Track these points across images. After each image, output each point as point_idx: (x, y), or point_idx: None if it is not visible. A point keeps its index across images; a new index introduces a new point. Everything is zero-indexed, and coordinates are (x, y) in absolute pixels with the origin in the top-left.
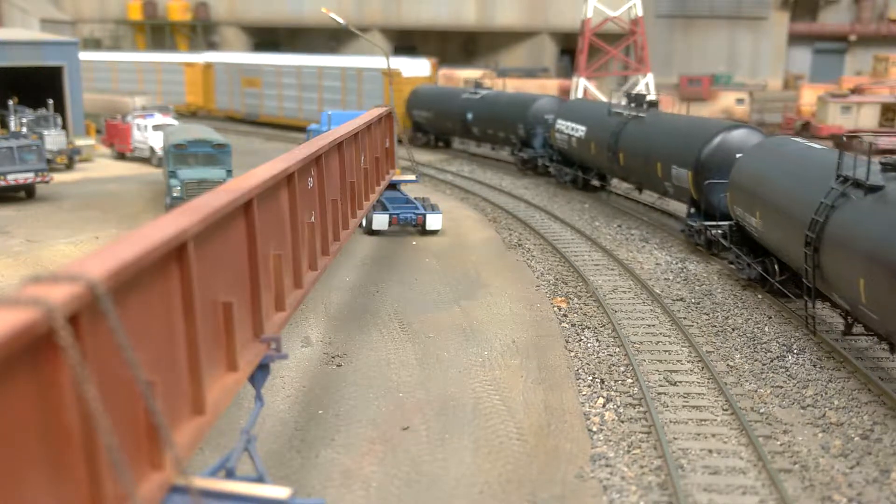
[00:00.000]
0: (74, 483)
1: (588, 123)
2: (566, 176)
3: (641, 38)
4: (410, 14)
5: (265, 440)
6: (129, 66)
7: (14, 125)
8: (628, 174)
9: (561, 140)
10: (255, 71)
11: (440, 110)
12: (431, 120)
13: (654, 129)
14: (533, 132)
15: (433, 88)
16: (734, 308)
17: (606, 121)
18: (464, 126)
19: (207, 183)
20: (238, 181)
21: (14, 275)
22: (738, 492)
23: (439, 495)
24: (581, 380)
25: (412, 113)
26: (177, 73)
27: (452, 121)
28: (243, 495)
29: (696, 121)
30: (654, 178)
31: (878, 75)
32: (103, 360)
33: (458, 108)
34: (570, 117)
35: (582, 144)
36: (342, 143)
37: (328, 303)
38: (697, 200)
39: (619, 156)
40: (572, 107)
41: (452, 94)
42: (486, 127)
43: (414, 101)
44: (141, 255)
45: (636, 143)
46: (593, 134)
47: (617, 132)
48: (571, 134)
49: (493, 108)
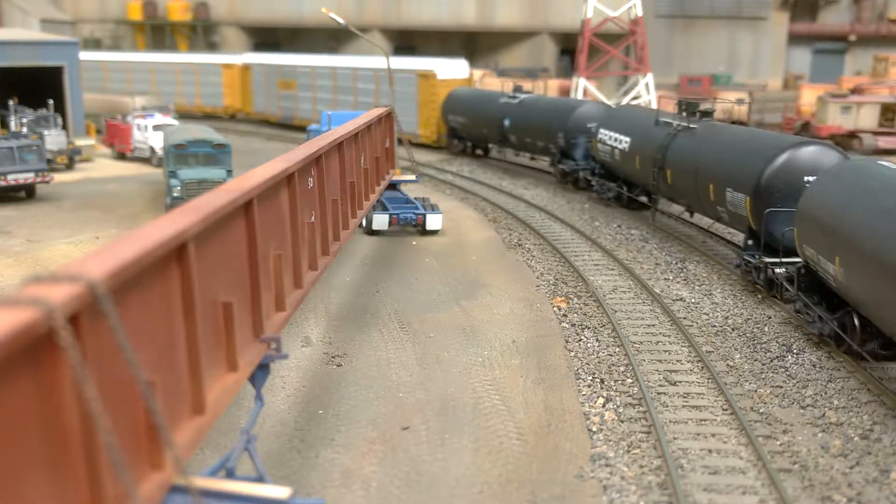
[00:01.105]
0: (74, 483)
1: (633, 134)
2: (608, 192)
3: (641, 38)
4: (410, 14)
5: (265, 440)
6: (169, 68)
7: (14, 125)
8: (677, 194)
9: (603, 151)
10: (290, 72)
11: (476, 115)
12: (467, 126)
13: (706, 143)
14: (574, 142)
15: (470, 92)
16: (734, 308)
17: (653, 132)
18: (501, 133)
19: (207, 183)
20: (238, 181)
21: (14, 275)
22: (737, 492)
23: (439, 495)
24: (581, 380)
25: (447, 118)
26: (215, 75)
27: (489, 127)
28: (243, 495)
29: (756, 135)
30: (706, 201)
31: (878, 75)
32: (103, 360)
33: (495, 113)
34: (613, 126)
35: (626, 158)
36: (342, 143)
37: (328, 303)
38: (756, 231)
39: (666, 173)
40: (617, 115)
41: (489, 98)
42: (523, 135)
43: (449, 104)
44: (141, 255)
45: (685, 159)
46: (638, 146)
47: (664, 145)
48: (615, 145)
49: (531, 115)
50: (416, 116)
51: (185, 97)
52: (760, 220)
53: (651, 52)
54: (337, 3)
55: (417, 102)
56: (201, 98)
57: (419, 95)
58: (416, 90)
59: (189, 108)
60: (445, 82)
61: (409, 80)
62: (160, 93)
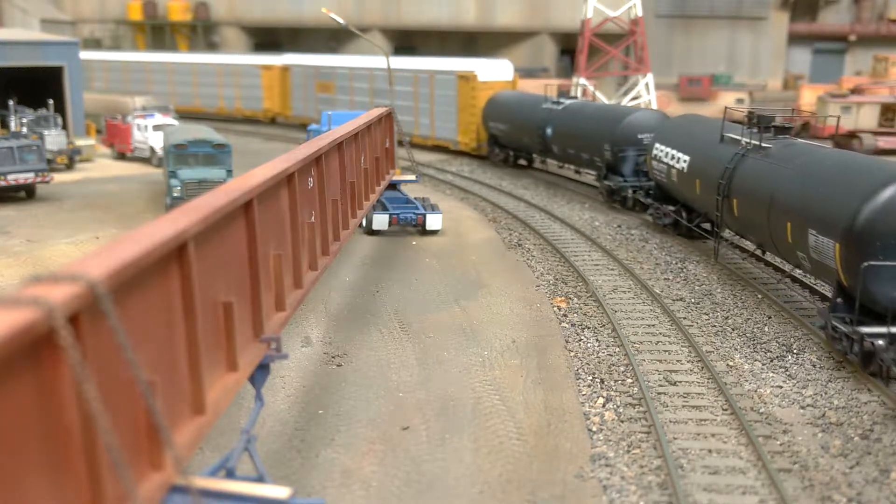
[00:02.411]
0: (75, 483)
1: (693, 151)
2: (664, 218)
3: (641, 38)
4: (410, 14)
5: (265, 440)
6: (209, 69)
7: (14, 125)
8: (745, 229)
9: (658, 170)
10: (329, 74)
11: (517, 122)
12: (509, 133)
13: (782, 168)
14: (622, 155)
15: (512, 96)
16: (734, 308)
17: (717, 150)
18: (543, 142)
19: (207, 183)
20: (238, 181)
21: (14, 275)
22: (737, 492)
23: (439, 495)
24: (581, 380)
25: (488, 124)
26: (254, 77)
27: (530, 135)
28: (243, 495)
29: (851, 161)
30: (782, 242)
31: (878, 75)
32: (103, 360)
33: (538, 120)
34: (670, 141)
35: (684, 179)
36: (342, 144)
37: (328, 303)
38: (849, 288)
39: (731, 202)
40: (674, 127)
41: (532, 103)
42: (567, 145)
43: (490, 109)
44: (141, 255)
45: (756, 186)
46: (699, 167)
47: (731, 168)
48: (671, 164)
49: (575, 123)
50: (454, 122)
51: (225, 100)
52: (855, 276)
53: (651, 52)
54: (337, 3)
55: (457, 106)
56: (241, 101)
57: (458, 99)
58: (456, 93)
59: (229, 112)
60: (487, 85)
61: (447, 83)
62: (201, 95)
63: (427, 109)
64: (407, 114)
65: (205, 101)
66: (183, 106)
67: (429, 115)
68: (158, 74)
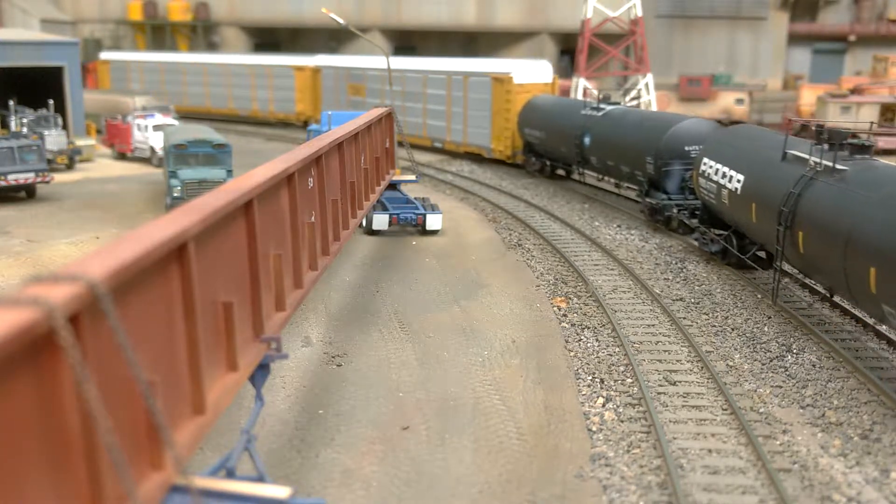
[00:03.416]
0: (75, 483)
1: (749, 170)
2: (711, 244)
3: (641, 38)
4: (410, 14)
5: (265, 440)
6: (242, 70)
7: (14, 125)
8: (812, 269)
9: (706, 189)
10: (360, 76)
11: (554, 130)
12: (545, 141)
13: (864, 196)
14: (667, 169)
15: (548, 100)
16: (734, 308)
17: (778, 170)
18: (580, 153)
19: (208, 183)
20: (238, 181)
21: (14, 275)
22: (737, 491)
23: (439, 495)
24: (581, 379)
25: (524, 131)
26: (287, 78)
27: (567, 144)
28: (243, 495)
29: None
30: (862, 290)
31: (878, 75)
32: (103, 360)
33: (575, 127)
34: (721, 156)
35: (737, 202)
36: (342, 144)
37: (328, 303)
38: None
39: (796, 235)
40: (726, 140)
41: (569, 108)
42: (606, 156)
43: (526, 115)
44: (141, 255)
45: (829, 218)
46: (756, 189)
47: (795, 193)
48: (722, 183)
49: (615, 131)
50: (488, 127)
51: (258, 102)
52: None
53: (651, 53)
54: (337, 3)
55: (491, 111)
56: (275, 104)
57: (493, 103)
58: (490, 96)
59: (263, 115)
60: (523, 88)
61: (481, 85)
62: (235, 97)
63: (460, 114)
64: (439, 118)
65: (238, 103)
66: (218, 109)
67: (462, 120)
68: (193, 76)
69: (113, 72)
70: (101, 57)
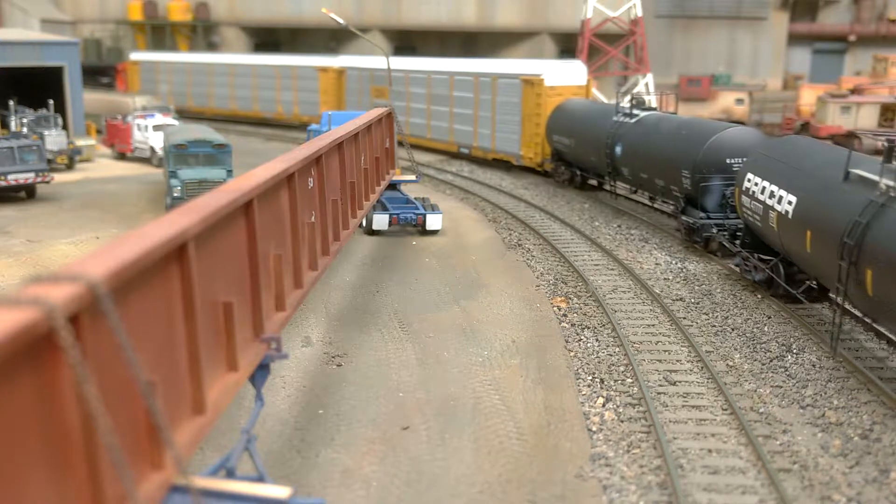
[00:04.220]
0: (75, 483)
1: (802, 190)
2: (755, 273)
3: (641, 38)
4: (410, 14)
5: (265, 440)
6: (268, 71)
7: (14, 125)
8: (884, 313)
9: (750, 209)
10: (383, 78)
11: (582, 136)
12: (574, 149)
13: None
14: (705, 185)
15: (578, 105)
16: (734, 308)
17: (839, 192)
18: (611, 163)
19: (208, 183)
20: (238, 181)
21: (14, 275)
22: (737, 491)
23: (439, 495)
24: (581, 379)
25: (552, 138)
26: (311, 80)
27: (597, 153)
28: (243, 495)
29: None
30: None
31: (878, 76)
32: (103, 360)
33: (605, 135)
34: (768, 172)
35: (788, 227)
36: (342, 144)
37: (328, 303)
38: None
39: (863, 272)
40: (774, 153)
41: (600, 114)
42: (638, 168)
43: (555, 120)
44: (141, 255)
45: None
46: (811, 213)
47: (862, 222)
48: (769, 203)
49: (649, 140)
50: (517, 133)
51: (283, 105)
52: None
53: (651, 53)
54: (337, 3)
55: (520, 115)
56: (299, 106)
57: (523, 106)
58: (520, 100)
59: (288, 118)
60: (555, 90)
61: (511, 88)
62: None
63: (488, 118)
64: (466, 123)
65: (263, 105)
66: (243, 111)
67: (490, 125)
68: (220, 77)
69: (142, 73)
70: (131, 58)
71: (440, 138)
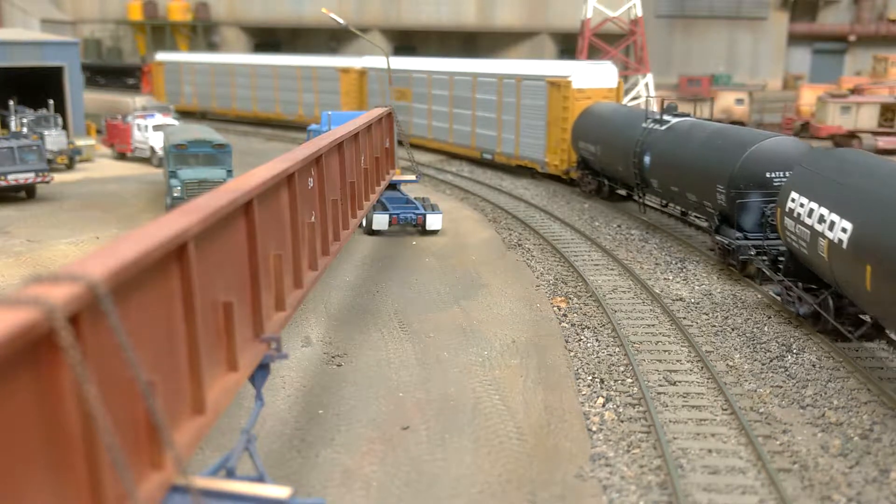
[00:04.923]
0: (75, 483)
1: (861, 216)
2: (798, 304)
3: (641, 38)
4: (410, 14)
5: (265, 440)
6: (290, 73)
7: (14, 125)
8: None
9: (794, 233)
10: (404, 80)
11: (609, 144)
12: (600, 158)
13: None
14: (742, 201)
15: (605, 109)
16: (734, 308)
17: None
18: (639, 173)
19: (208, 183)
20: (238, 181)
21: (14, 275)
22: (737, 491)
23: (439, 495)
24: (581, 379)
25: (577, 145)
26: (332, 81)
27: (624, 163)
28: (243, 495)
29: None
30: None
31: (878, 76)
32: (103, 360)
33: (633, 143)
34: (816, 191)
35: (842, 259)
36: (342, 144)
37: (328, 303)
38: None
39: None
40: (825, 169)
41: (628, 120)
42: (669, 180)
43: (581, 126)
44: (141, 255)
45: None
46: (873, 246)
47: None
48: (818, 229)
49: (681, 149)
50: (543, 138)
51: (304, 107)
52: None
53: (651, 53)
54: (337, 3)
55: (546, 120)
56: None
57: (549, 110)
58: (545, 103)
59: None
60: (583, 93)
61: (536, 90)
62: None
63: (512, 123)
64: (489, 127)
65: (285, 107)
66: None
67: (514, 130)
68: (242, 78)
69: (167, 73)
70: (157, 58)
71: (462, 143)
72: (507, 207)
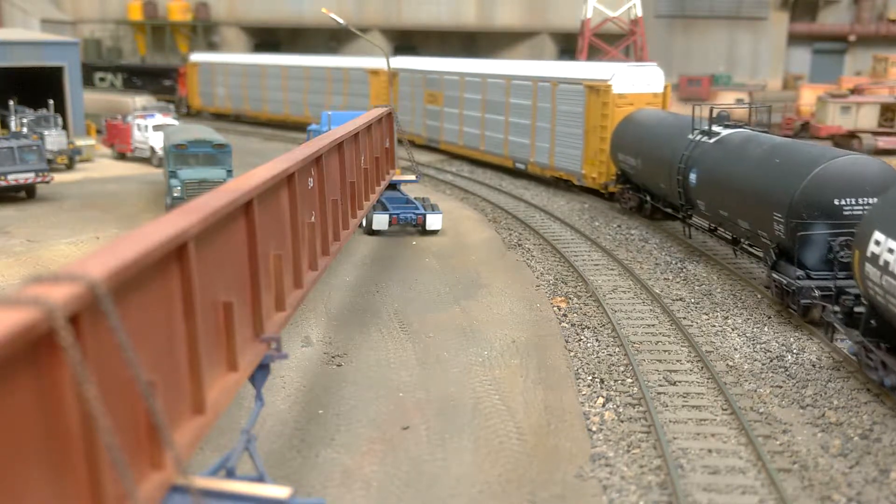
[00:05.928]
0: (75, 483)
1: None
2: (882, 372)
3: (641, 38)
4: (410, 14)
5: (265, 440)
6: (320, 74)
7: (14, 125)
8: None
9: (880, 286)
10: (436, 82)
11: (651, 157)
12: (641, 172)
13: None
14: (804, 233)
15: (648, 117)
16: (734, 308)
17: None
18: (684, 192)
19: (208, 183)
20: (238, 181)
21: (14, 275)
22: (737, 491)
23: (439, 495)
24: (581, 379)
25: (616, 157)
26: (362, 84)
27: (667, 180)
28: (243, 495)
29: None
30: None
31: (878, 75)
32: (103, 360)
33: (678, 157)
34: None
35: None
36: (342, 144)
37: (328, 303)
38: None
39: None
40: None
41: (672, 130)
42: (717, 203)
43: (620, 136)
44: (141, 255)
45: None
46: None
47: None
48: None
49: (732, 167)
50: (580, 148)
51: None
52: None
53: (651, 53)
54: (337, 3)
55: (584, 128)
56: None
57: (586, 117)
58: (583, 109)
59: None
60: (625, 99)
61: (573, 95)
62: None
63: (547, 130)
64: (522, 134)
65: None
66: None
67: (549, 138)
68: (272, 80)
69: (200, 74)
70: (191, 59)
71: (494, 151)
72: (508, 208)
